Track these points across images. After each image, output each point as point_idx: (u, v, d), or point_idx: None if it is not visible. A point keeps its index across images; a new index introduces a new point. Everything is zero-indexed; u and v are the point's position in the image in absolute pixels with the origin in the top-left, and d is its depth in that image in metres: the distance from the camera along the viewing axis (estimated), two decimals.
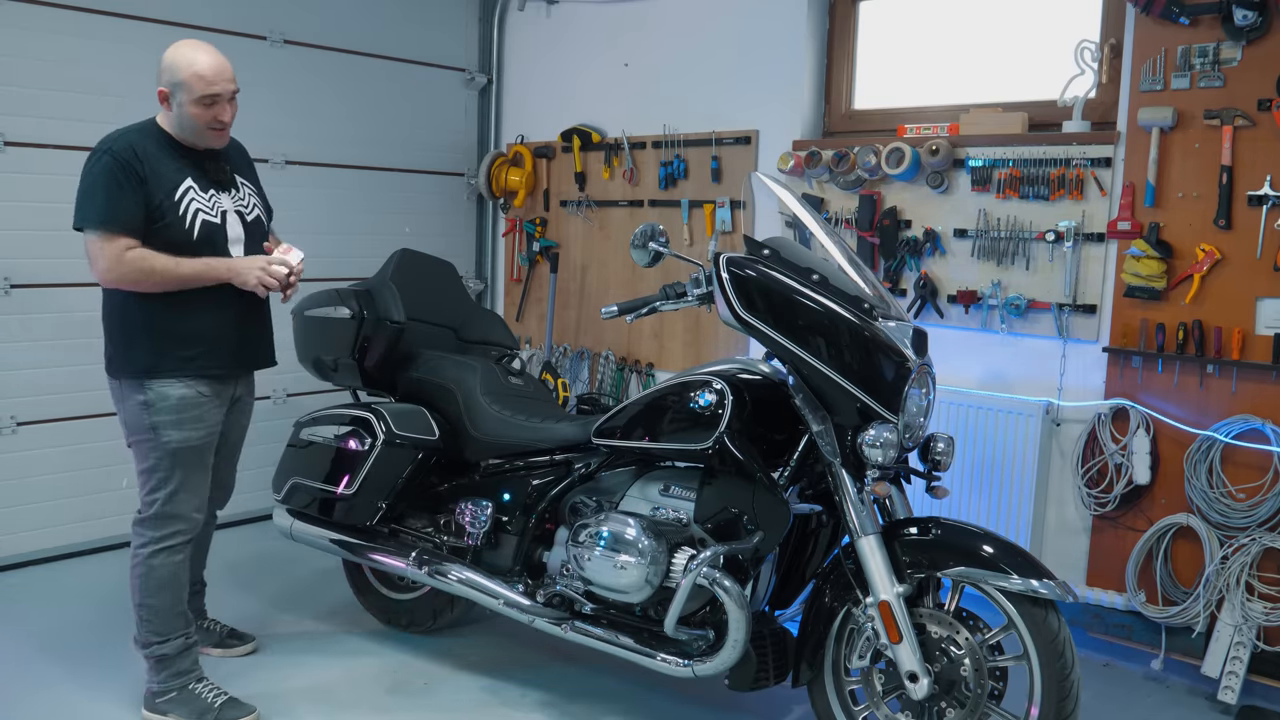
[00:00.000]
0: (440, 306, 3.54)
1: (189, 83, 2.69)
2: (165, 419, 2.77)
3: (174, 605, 2.88)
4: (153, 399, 2.76)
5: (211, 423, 2.87)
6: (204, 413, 2.83)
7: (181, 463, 2.80)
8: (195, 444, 2.82)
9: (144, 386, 2.76)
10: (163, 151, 2.75)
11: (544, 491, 3.05)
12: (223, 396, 2.91)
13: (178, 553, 2.87)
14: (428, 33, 5.13)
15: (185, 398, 2.78)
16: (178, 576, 2.88)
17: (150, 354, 2.76)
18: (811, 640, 2.64)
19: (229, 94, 2.76)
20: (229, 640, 3.33)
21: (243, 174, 2.97)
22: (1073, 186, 3.51)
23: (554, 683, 3.20)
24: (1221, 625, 3.20)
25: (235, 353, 2.90)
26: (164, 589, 2.85)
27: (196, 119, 2.73)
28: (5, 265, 3.89)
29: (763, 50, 4.28)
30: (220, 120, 2.77)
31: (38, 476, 4.03)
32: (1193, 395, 3.32)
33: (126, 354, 2.79)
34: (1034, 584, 2.34)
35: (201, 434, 2.83)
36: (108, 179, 2.66)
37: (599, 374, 4.95)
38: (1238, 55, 3.18)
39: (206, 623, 3.33)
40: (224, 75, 2.74)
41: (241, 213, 2.89)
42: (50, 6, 3.92)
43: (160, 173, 2.71)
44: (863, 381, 2.49)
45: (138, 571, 2.85)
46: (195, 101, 2.71)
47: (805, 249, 2.73)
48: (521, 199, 5.22)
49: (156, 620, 2.86)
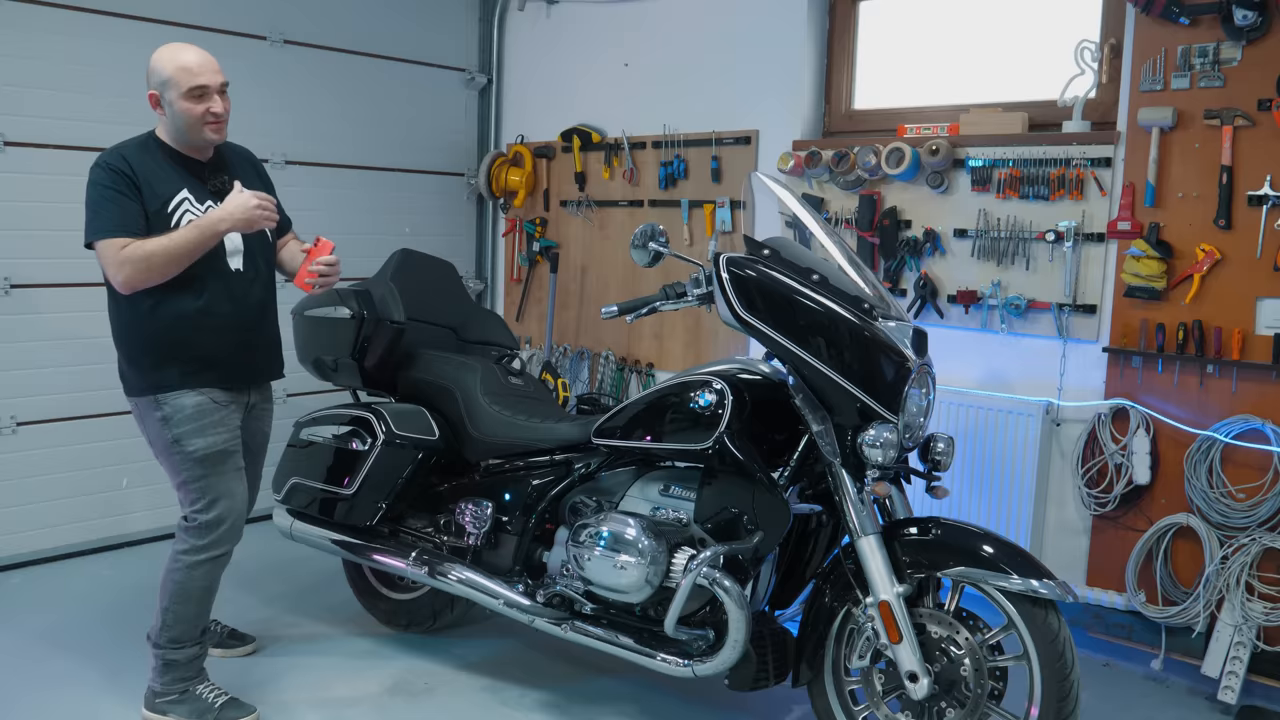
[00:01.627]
0: (440, 306, 3.54)
1: (175, 78, 2.68)
2: (186, 429, 2.77)
3: (198, 616, 2.89)
4: (169, 412, 2.77)
5: (232, 426, 2.87)
6: (223, 417, 2.83)
7: (212, 468, 2.81)
8: (220, 448, 2.82)
9: (159, 403, 2.77)
10: (159, 164, 2.75)
11: (544, 491, 3.05)
12: (238, 402, 2.91)
13: (219, 566, 2.88)
14: (428, 33, 5.14)
15: (201, 405, 2.79)
16: (211, 589, 2.90)
17: (157, 370, 2.77)
18: (811, 640, 2.64)
19: (217, 85, 2.73)
20: (229, 641, 3.33)
21: (248, 185, 2.92)
22: (1073, 186, 3.51)
23: (554, 683, 3.20)
24: (1221, 625, 3.20)
25: (242, 368, 2.91)
26: (194, 600, 2.86)
27: (189, 115, 2.71)
28: (5, 265, 3.89)
29: (763, 50, 4.28)
30: (214, 114, 2.74)
31: (38, 476, 4.03)
32: (1193, 395, 3.32)
33: (137, 372, 2.80)
34: (1034, 584, 2.34)
35: (225, 437, 2.83)
36: (104, 191, 2.68)
37: (599, 374, 4.95)
38: (1238, 55, 3.18)
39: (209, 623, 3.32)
40: (209, 67, 2.72)
41: None
42: (50, 6, 3.92)
43: (154, 184, 2.71)
44: (863, 381, 2.49)
45: (174, 576, 2.85)
46: (184, 96, 2.68)
47: (805, 249, 2.73)
48: (521, 199, 5.22)
49: (178, 626, 2.86)
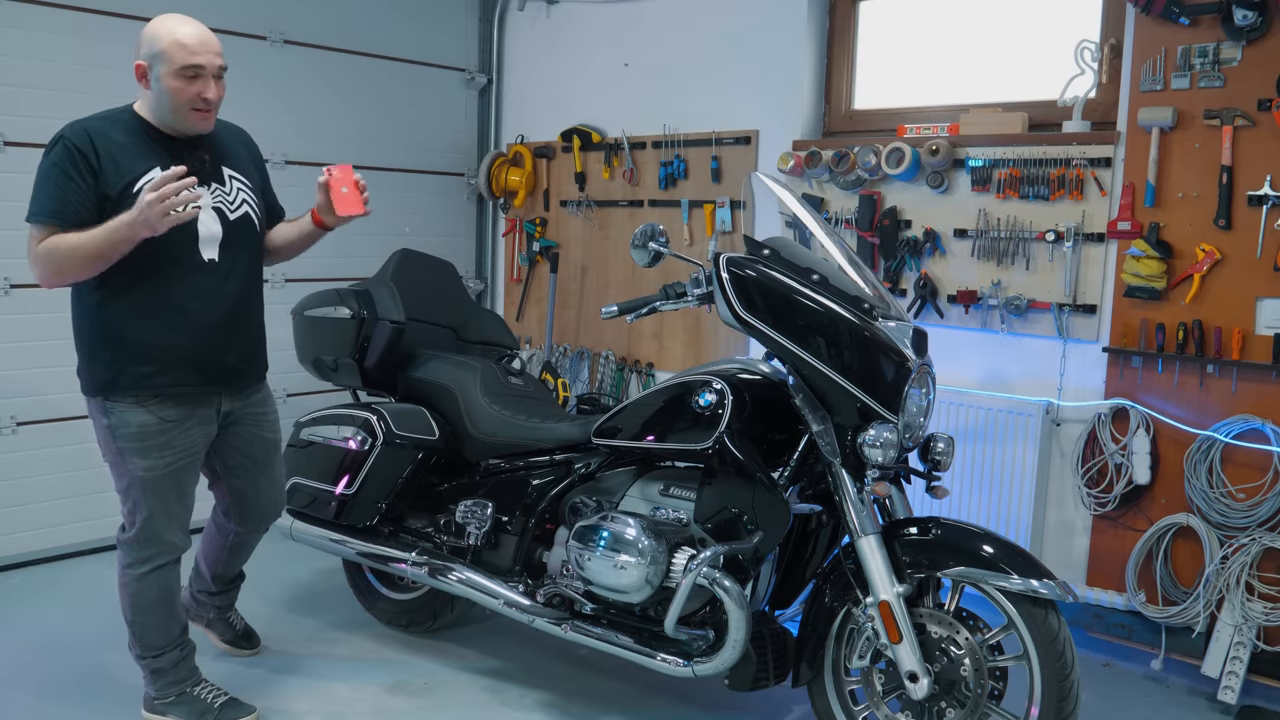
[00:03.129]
0: (440, 306, 3.54)
1: (169, 52, 2.43)
2: (129, 445, 2.58)
3: (165, 620, 2.78)
4: (115, 424, 2.58)
5: (181, 448, 2.64)
6: (170, 439, 2.61)
7: (151, 489, 2.62)
8: (162, 471, 2.61)
9: (106, 410, 2.58)
10: (131, 139, 2.50)
11: (544, 491, 3.05)
12: (199, 415, 2.66)
13: (166, 573, 2.74)
14: (428, 33, 5.14)
15: (146, 425, 2.57)
16: (169, 594, 2.77)
17: (108, 368, 2.56)
18: (811, 640, 2.64)
19: (214, 68, 2.50)
20: (240, 640, 3.29)
21: (235, 167, 2.70)
22: (1073, 186, 3.51)
23: (554, 683, 3.20)
24: (1221, 625, 3.20)
25: (200, 368, 2.62)
26: (154, 607, 2.75)
27: (176, 95, 2.46)
28: (5, 265, 3.89)
29: (763, 50, 4.28)
30: (204, 99, 2.49)
31: (38, 476, 4.03)
32: (1193, 395, 3.32)
33: (89, 368, 2.60)
34: (1034, 584, 2.34)
35: (169, 460, 2.62)
36: (55, 170, 2.45)
37: (599, 374, 4.95)
38: (1238, 55, 3.18)
39: (230, 614, 3.29)
40: (209, 47, 2.48)
41: (223, 209, 2.62)
42: (50, 6, 3.92)
43: (120, 161, 2.46)
44: (863, 381, 2.49)
45: (127, 590, 2.73)
46: (175, 73, 2.44)
47: (805, 249, 2.73)
48: (521, 199, 5.22)
49: (149, 635, 2.77)
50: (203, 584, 3.21)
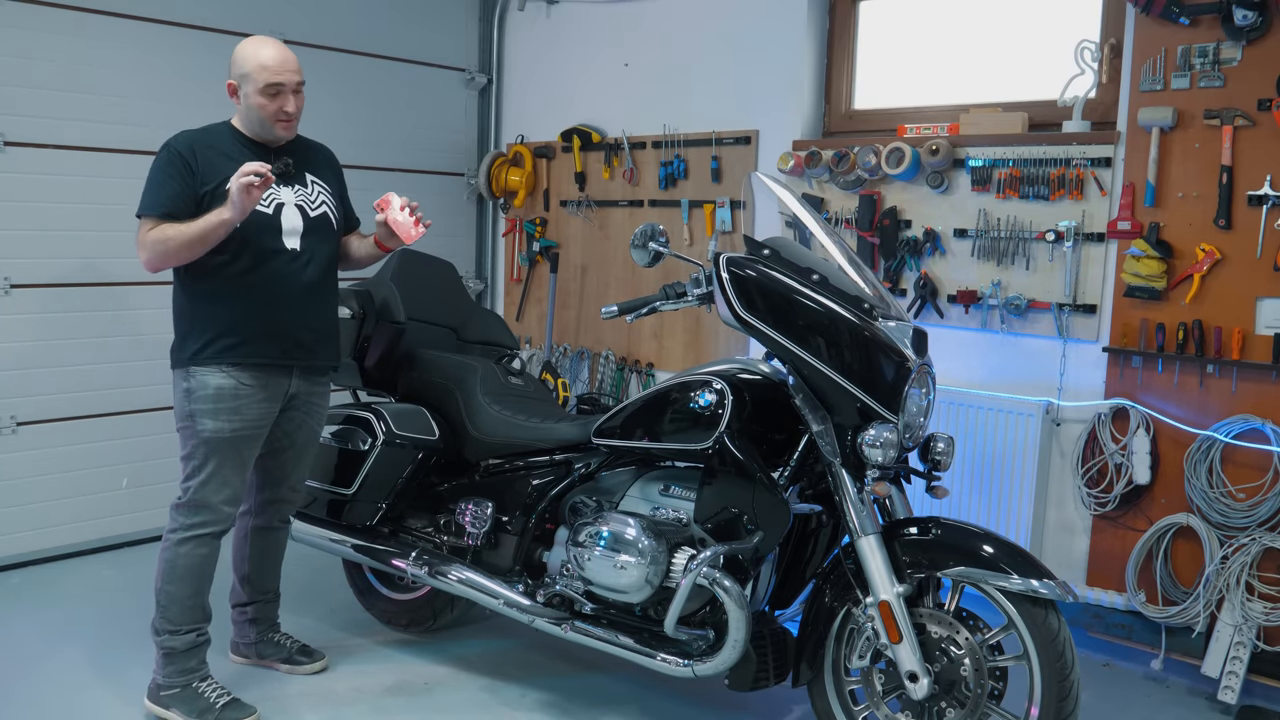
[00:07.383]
0: (440, 306, 3.54)
1: (253, 74, 2.77)
2: (202, 407, 2.80)
3: (191, 597, 2.88)
4: (193, 386, 2.81)
5: (250, 416, 2.85)
6: (242, 405, 2.83)
7: (214, 452, 2.82)
8: (228, 435, 2.82)
9: (188, 375, 2.83)
10: (225, 145, 2.83)
11: (544, 491, 3.05)
12: (270, 390, 2.89)
13: (204, 545, 2.87)
14: (428, 33, 5.13)
15: (222, 388, 2.81)
16: (201, 569, 2.89)
17: (198, 340, 2.82)
18: (811, 640, 2.64)
19: (293, 85, 2.82)
20: (298, 657, 3.24)
21: (317, 174, 2.99)
22: (1073, 186, 3.51)
23: (554, 683, 3.20)
24: (1221, 625, 3.20)
25: (279, 341, 2.87)
26: (185, 579, 2.86)
27: (262, 110, 2.79)
28: (5, 265, 3.88)
29: (763, 50, 4.28)
30: (286, 112, 2.82)
31: (38, 476, 4.03)
32: (1193, 395, 3.32)
33: (181, 344, 2.86)
34: (1034, 584, 2.34)
35: (236, 425, 2.83)
36: (155, 171, 2.78)
37: (599, 374, 4.95)
38: (1238, 55, 3.18)
39: (278, 636, 3.26)
40: (288, 66, 2.80)
41: (304, 207, 2.91)
42: (50, 6, 3.92)
43: (214, 163, 2.77)
44: (863, 381, 2.49)
45: (164, 556, 2.87)
46: (259, 91, 2.77)
47: (805, 249, 2.73)
48: (521, 199, 5.23)
49: (172, 608, 2.87)
50: (237, 597, 3.24)
